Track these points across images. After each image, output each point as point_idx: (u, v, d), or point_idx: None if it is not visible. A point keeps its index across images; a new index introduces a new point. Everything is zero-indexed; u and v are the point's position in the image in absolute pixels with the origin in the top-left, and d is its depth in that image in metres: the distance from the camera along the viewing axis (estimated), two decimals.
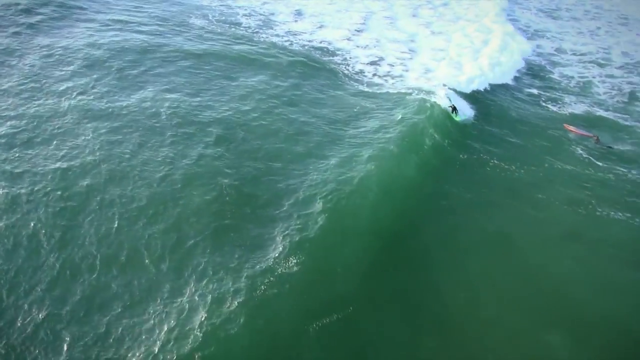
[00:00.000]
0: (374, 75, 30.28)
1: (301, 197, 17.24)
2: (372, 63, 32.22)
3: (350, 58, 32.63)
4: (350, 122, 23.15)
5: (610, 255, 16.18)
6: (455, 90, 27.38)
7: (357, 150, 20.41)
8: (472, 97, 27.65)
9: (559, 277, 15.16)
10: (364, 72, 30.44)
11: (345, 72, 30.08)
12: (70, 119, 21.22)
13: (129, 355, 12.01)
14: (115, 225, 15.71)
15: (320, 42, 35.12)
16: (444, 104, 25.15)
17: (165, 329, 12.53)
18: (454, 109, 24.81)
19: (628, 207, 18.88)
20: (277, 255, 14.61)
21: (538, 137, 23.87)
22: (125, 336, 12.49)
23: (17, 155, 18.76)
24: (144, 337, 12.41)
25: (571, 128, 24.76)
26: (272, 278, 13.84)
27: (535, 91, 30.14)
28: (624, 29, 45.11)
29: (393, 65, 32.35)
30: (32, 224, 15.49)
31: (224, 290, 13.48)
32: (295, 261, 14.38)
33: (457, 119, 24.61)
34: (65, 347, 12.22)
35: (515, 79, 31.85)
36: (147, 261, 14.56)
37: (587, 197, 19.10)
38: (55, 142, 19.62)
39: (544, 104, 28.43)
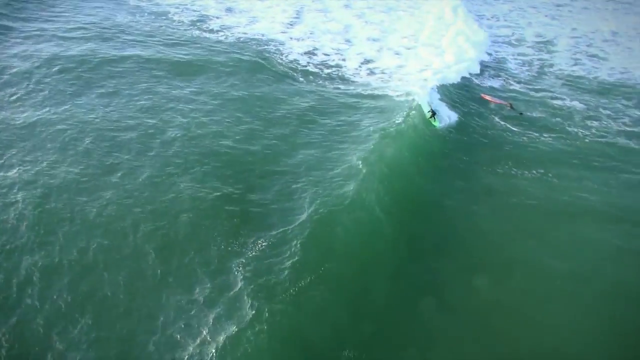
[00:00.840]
0: (319, 67, 31.33)
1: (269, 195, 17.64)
2: (309, 53, 33.33)
3: (286, 49, 33.49)
4: (308, 118, 23.69)
5: (524, 205, 18.29)
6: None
7: (327, 143, 21.36)
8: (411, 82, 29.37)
9: (478, 226, 17.08)
10: (305, 65, 31.35)
11: (282, 63, 30.91)
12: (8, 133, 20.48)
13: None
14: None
15: (256, 36, 35.68)
16: (422, 103, 24.04)
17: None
18: (434, 113, 23.02)
19: (540, 166, 21.14)
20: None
21: (462, 107, 25.98)
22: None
23: None
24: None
25: (488, 97, 27.22)
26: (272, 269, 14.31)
27: (460, 67, 32.32)
28: (533, 11, 49.05)
29: (328, 55, 33.58)
30: None
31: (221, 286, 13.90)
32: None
33: (436, 124, 22.90)
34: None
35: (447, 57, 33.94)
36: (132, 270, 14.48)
37: (505, 158, 21.26)
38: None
39: (468, 76, 30.89)
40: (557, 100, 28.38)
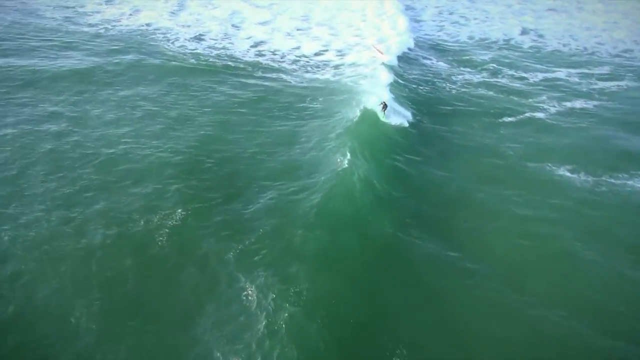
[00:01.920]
0: (208, 50, 31.41)
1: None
2: (196, 39, 33.26)
3: (172, 36, 33.08)
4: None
5: (401, 147, 20.76)
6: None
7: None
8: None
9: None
10: (194, 49, 31.38)
11: (171, 50, 30.63)
12: None
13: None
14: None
15: (142, 27, 34.65)
16: (376, 101, 23.12)
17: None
18: (385, 106, 22.13)
19: (414, 106, 24.37)
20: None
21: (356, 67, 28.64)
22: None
23: None
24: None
25: (375, 48, 30.50)
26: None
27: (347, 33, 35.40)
28: None
29: (215, 40, 33.66)
30: None
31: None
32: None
33: (384, 118, 21.98)
34: None
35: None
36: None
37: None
38: None
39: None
40: (427, 59, 32.00)
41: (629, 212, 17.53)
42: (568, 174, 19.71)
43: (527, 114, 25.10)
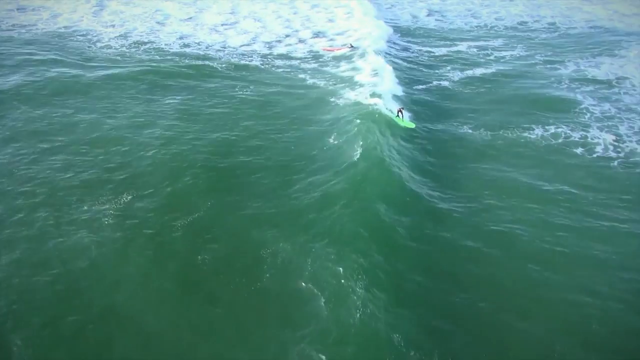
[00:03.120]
0: (134, 47, 31.18)
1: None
2: (121, 37, 32.74)
3: (97, 36, 32.42)
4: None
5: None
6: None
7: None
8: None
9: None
10: (119, 47, 31.05)
11: (94, 51, 30.07)
12: None
13: None
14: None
15: (59, 29, 33.47)
16: (389, 106, 22.88)
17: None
18: (400, 111, 21.83)
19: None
20: None
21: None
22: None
23: None
24: None
25: (329, 49, 31.50)
26: None
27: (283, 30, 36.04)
28: None
29: (141, 36, 33.31)
30: None
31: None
32: None
33: (403, 123, 21.52)
34: None
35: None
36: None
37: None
38: None
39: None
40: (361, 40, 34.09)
41: (522, 157, 19.75)
42: (470, 130, 21.87)
43: (434, 83, 27.53)
